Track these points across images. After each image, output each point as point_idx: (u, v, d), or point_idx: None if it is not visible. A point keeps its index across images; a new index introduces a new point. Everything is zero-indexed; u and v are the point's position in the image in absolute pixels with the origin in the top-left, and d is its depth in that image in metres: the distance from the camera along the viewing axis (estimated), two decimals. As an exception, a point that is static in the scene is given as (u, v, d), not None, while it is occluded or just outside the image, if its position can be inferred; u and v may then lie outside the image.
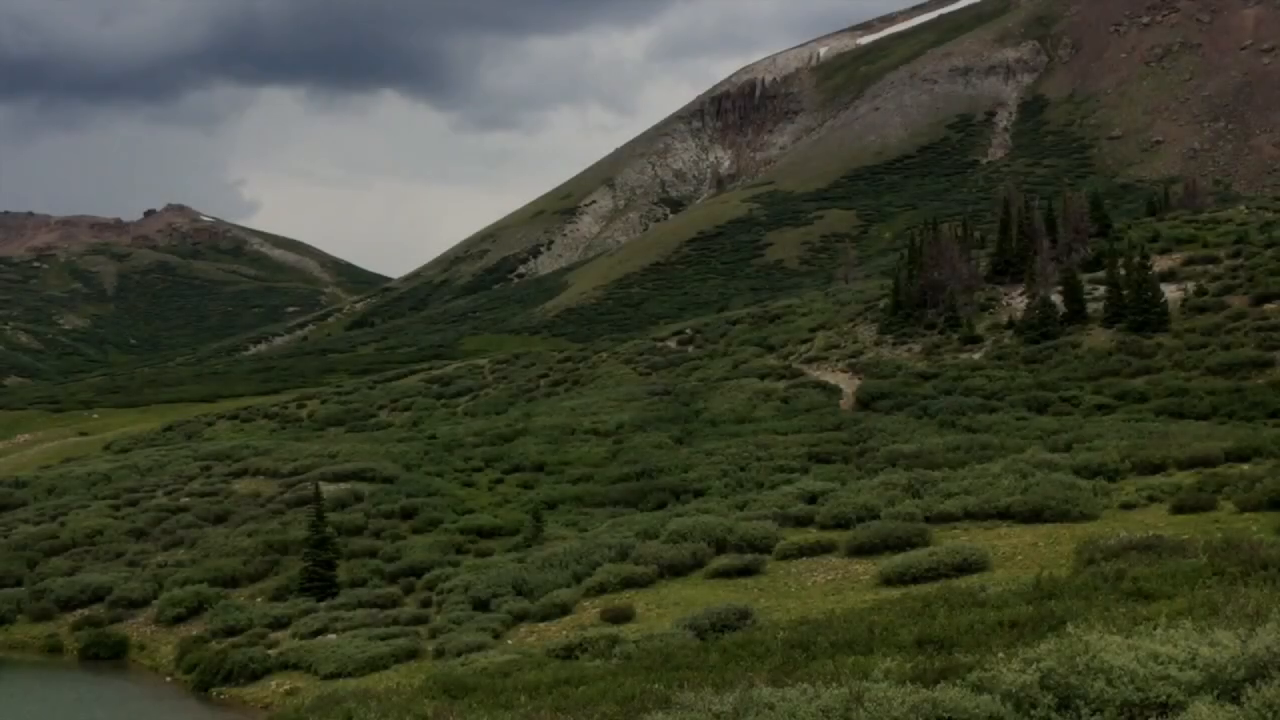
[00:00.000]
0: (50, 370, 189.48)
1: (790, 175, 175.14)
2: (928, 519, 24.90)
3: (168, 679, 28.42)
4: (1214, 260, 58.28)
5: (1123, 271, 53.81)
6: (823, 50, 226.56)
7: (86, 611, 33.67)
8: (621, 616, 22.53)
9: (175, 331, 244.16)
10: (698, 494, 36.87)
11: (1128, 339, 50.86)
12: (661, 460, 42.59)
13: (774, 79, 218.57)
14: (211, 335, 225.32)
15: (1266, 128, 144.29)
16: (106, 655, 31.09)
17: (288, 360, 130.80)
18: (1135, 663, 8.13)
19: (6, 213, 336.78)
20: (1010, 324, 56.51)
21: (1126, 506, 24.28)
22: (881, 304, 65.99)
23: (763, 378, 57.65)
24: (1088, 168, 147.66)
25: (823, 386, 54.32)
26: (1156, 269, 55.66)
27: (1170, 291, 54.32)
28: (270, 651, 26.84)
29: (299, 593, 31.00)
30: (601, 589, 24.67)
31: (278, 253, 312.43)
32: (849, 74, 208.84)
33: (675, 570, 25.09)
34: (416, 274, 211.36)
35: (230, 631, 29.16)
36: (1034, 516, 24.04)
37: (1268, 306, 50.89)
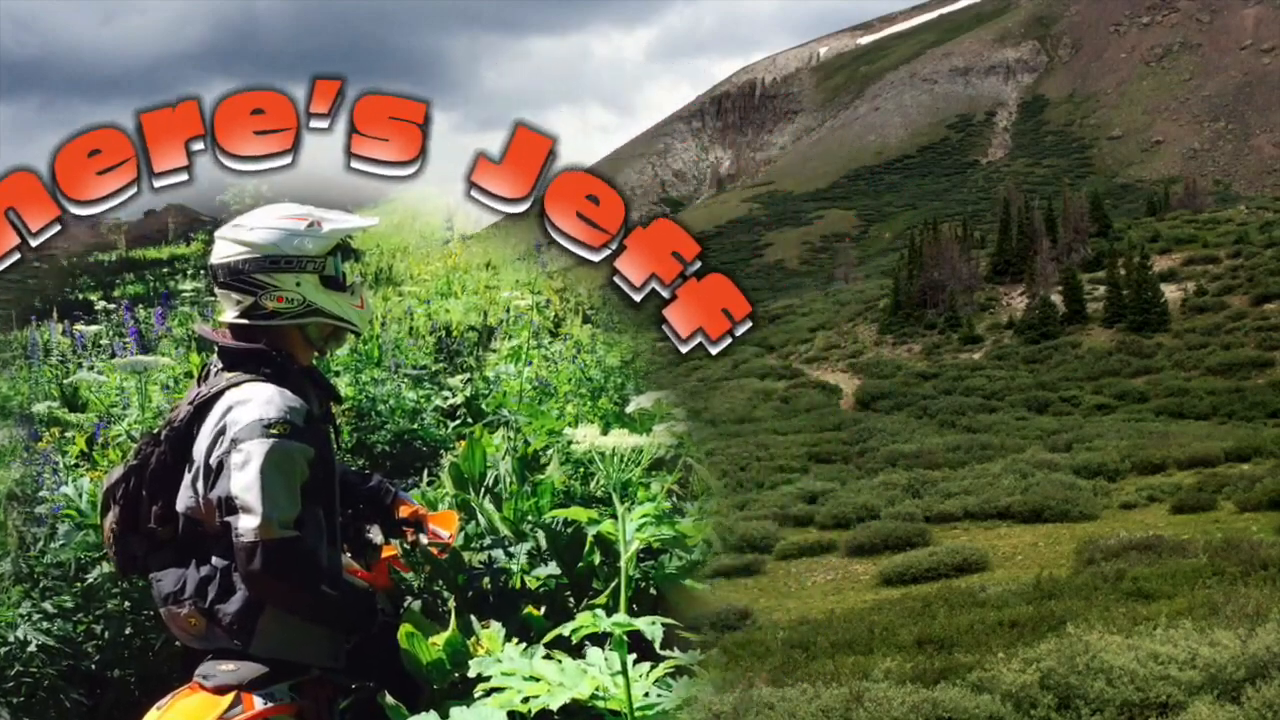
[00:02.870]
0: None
1: (790, 175, 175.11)
2: (928, 519, 24.89)
3: (167, 679, 28.42)
4: (1214, 260, 58.34)
5: (1123, 271, 53.85)
6: (823, 50, 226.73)
7: (86, 611, 33.69)
8: (621, 616, 22.56)
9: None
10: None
11: (1128, 339, 50.91)
12: (661, 460, 42.67)
13: (774, 79, 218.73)
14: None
15: (1266, 128, 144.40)
16: (106, 655, 31.09)
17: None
18: (1135, 663, 8.12)
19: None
20: (1010, 324, 56.55)
21: (1126, 506, 24.28)
22: (881, 304, 66.02)
23: (762, 378, 57.67)
24: (1088, 168, 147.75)
25: (823, 386, 54.37)
26: (1156, 269, 55.70)
27: (1170, 291, 54.36)
28: (270, 651, 26.84)
29: (299, 593, 31.03)
30: (601, 589, 24.71)
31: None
32: (849, 74, 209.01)
33: (675, 570, 25.11)
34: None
35: (230, 631, 29.16)
36: (1034, 516, 24.04)
37: (1268, 306, 50.94)
